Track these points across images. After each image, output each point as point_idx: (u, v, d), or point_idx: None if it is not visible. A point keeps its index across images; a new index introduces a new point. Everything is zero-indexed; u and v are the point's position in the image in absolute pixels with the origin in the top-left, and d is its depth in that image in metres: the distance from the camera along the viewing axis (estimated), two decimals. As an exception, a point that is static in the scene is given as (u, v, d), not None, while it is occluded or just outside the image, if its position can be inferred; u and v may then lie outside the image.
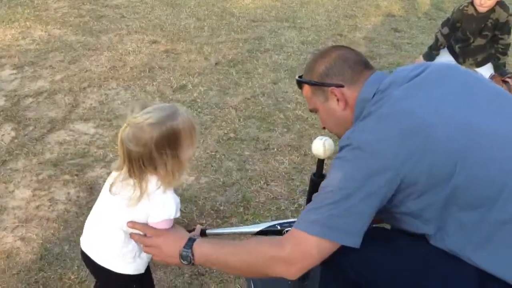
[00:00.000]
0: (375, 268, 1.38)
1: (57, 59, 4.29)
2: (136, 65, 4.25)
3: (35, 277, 2.13)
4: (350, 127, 1.41)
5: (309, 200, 1.94)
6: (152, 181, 1.44)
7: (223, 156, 3.07)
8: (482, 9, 3.21)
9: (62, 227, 2.43)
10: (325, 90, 1.53)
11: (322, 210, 1.29)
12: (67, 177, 2.80)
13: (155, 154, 1.39)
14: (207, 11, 5.75)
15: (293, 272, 1.34)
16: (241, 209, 2.62)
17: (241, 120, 3.49)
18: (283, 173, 2.94)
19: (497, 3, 3.22)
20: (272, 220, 2.22)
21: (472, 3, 3.29)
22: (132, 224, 1.47)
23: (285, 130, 3.40)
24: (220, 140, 3.24)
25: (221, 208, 2.62)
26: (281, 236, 1.44)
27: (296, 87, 3.93)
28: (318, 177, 1.86)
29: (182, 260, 1.43)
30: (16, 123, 3.30)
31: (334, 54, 1.55)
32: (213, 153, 3.09)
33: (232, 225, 2.50)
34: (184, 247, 1.43)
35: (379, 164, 1.27)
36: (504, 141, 1.30)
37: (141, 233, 1.50)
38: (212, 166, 2.97)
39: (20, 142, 3.09)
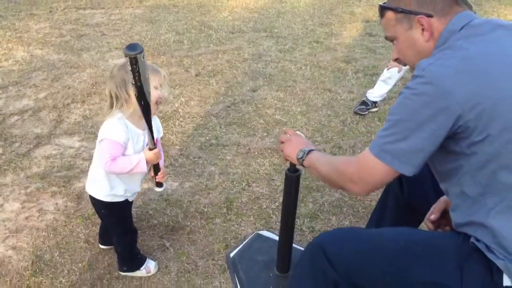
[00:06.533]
0: (356, 264, 1.49)
1: (40, 78, 4.38)
2: (118, 80, 4.34)
3: (27, 282, 2.21)
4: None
5: (286, 196, 2.05)
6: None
7: (205, 162, 3.18)
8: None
9: (51, 235, 2.52)
10: (411, 18, 1.48)
11: (389, 139, 1.38)
12: (54, 188, 2.88)
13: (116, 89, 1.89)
14: (186, 25, 5.89)
15: (357, 191, 1.50)
16: (224, 210, 2.72)
17: (222, 127, 3.61)
18: (264, 174, 3.05)
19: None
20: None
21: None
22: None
23: (265, 134, 3.52)
24: (203, 147, 3.35)
25: (205, 210, 2.72)
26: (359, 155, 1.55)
27: (274, 93, 4.15)
28: (292, 172, 1.98)
29: (297, 158, 1.76)
30: (3, 140, 3.38)
31: None
32: (196, 159, 3.20)
33: (216, 225, 2.60)
34: (301, 150, 1.75)
35: (446, 104, 1.29)
36: None
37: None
38: (195, 171, 3.07)
39: (8, 158, 3.17)
